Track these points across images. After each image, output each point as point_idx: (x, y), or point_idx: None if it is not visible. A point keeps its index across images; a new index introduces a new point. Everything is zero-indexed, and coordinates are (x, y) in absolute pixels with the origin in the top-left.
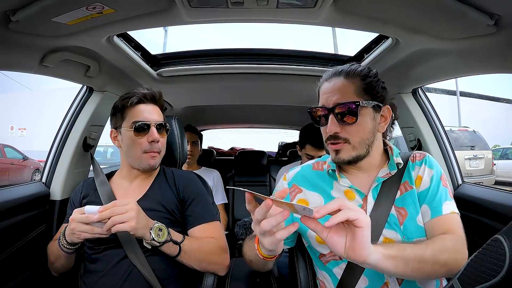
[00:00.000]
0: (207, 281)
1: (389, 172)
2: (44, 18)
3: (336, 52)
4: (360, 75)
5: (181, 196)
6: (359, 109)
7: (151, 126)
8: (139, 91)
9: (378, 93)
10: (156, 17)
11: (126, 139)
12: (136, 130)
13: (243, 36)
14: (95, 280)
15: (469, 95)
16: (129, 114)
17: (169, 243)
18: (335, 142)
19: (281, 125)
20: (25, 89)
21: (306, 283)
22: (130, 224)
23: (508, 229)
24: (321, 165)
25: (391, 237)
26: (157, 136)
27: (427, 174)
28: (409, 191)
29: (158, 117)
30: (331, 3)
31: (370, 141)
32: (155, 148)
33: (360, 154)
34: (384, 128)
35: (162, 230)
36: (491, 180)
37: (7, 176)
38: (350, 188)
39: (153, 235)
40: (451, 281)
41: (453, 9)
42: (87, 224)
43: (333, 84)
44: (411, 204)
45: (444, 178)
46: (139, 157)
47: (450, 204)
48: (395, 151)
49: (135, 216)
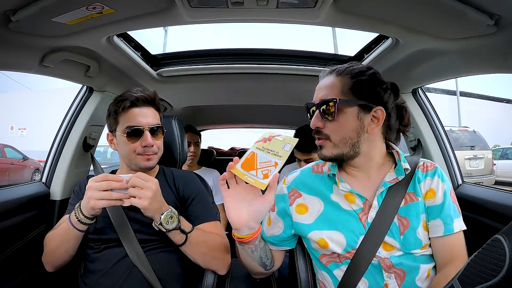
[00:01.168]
0: (207, 281)
1: (396, 178)
2: (44, 18)
3: (336, 52)
4: (351, 73)
5: (181, 195)
6: (338, 107)
7: (144, 130)
8: (131, 94)
9: (370, 93)
10: (156, 17)
11: (121, 143)
12: (129, 135)
13: (243, 36)
14: (95, 279)
15: (469, 95)
16: (122, 119)
17: (176, 230)
18: (318, 137)
19: (281, 125)
20: (25, 89)
21: (306, 283)
22: (143, 202)
23: (508, 229)
24: (321, 167)
25: (391, 244)
26: (150, 141)
27: (441, 188)
28: (414, 202)
29: (152, 119)
30: (331, 3)
31: (354, 141)
32: (148, 151)
33: (342, 153)
34: (374, 129)
35: (173, 217)
36: (491, 180)
37: (7, 176)
38: (350, 192)
39: (162, 220)
40: (451, 281)
41: (453, 9)
42: (104, 191)
43: (324, 81)
44: (414, 216)
45: (453, 192)
46: (134, 159)
47: (459, 222)
48: (402, 155)
49: (150, 196)
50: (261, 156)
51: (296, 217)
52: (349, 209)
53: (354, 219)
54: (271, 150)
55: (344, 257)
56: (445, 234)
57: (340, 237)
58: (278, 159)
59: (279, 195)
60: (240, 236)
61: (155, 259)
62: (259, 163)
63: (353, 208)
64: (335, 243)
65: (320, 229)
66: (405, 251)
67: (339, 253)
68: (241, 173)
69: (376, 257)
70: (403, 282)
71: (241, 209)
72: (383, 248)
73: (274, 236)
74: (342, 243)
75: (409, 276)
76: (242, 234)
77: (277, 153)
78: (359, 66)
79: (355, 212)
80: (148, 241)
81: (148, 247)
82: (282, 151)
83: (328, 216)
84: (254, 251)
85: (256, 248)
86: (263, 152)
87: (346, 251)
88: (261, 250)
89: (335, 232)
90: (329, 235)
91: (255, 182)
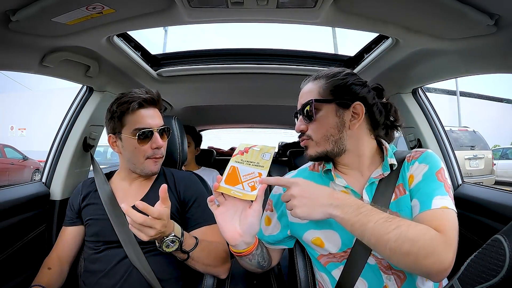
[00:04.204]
0: (207, 282)
1: (382, 173)
2: (44, 18)
3: (336, 52)
4: (326, 76)
5: (182, 198)
6: (315, 106)
7: (154, 132)
8: (137, 95)
9: (345, 90)
10: (156, 17)
11: (129, 146)
12: (139, 138)
13: (243, 36)
14: (94, 280)
15: (469, 95)
16: (129, 121)
17: (177, 251)
18: (302, 138)
19: (281, 125)
20: (25, 89)
21: (306, 283)
22: (143, 238)
23: (508, 229)
24: (317, 166)
25: None
26: (161, 142)
27: (420, 170)
28: (404, 196)
29: (159, 121)
30: (331, 3)
31: (336, 138)
32: (158, 154)
33: (326, 150)
34: (355, 125)
35: (174, 242)
36: (491, 180)
37: (7, 176)
38: (345, 188)
39: (163, 245)
40: (451, 281)
41: (453, 9)
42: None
43: (304, 89)
44: (404, 210)
45: (443, 173)
46: (142, 163)
47: (443, 199)
48: (390, 151)
49: (152, 235)
50: (243, 169)
51: (292, 217)
52: None
53: None
54: (251, 161)
55: (341, 256)
56: (421, 211)
57: (336, 236)
58: (261, 169)
59: (276, 195)
60: (238, 251)
61: (155, 261)
62: (243, 176)
63: None
64: (330, 242)
65: (315, 228)
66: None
67: (335, 252)
68: (227, 189)
69: (373, 257)
70: (403, 284)
71: (235, 225)
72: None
73: (272, 236)
74: (338, 243)
75: (409, 278)
76: (239, 249)
77: (258, 164)
78: (336, 70)
79: None
80: (148, 243)
81: (148, 249)
82: (263, 160)
83: None
84: (252, 259)
85: (254, 256)
86: (243, 164)
87: (342, 250)
88: (259, 256)
89: (330, 231)
90: (324, 234)
91: (244, 195)
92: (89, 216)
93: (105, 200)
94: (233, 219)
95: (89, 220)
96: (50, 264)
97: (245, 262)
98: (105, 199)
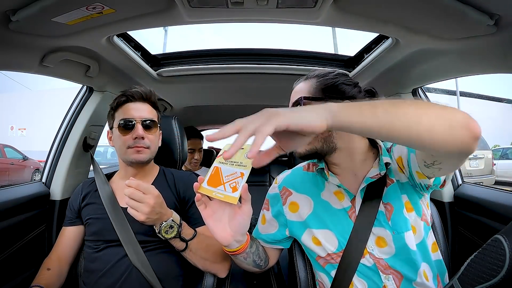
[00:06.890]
0: (207, 281)
1: (379, 173)
2: (44, 18)
3: (336, 52)
4: (317, 76)
5: (181, 197)
6: (304, 104)
7: (136, 123)
8: (128, 90)
9: (335, 89)
10: (156, 17)
11: (115, 138)
12: (121, 127)
13: (243, 36)
14: (94, 279)
15: (469, 95)
16: (118, 114)
17: (176, 238)
18: None
19: None
20: (25, 89)
21: (306, 283)
22: (140, 217)
23: (508, 229)
24: (311, 166)
25: (382, 235)
26: (140, 132)
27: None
28: (391, 185)
29: (146, 114)
30: (331, 3)
31: (325, 135)
32: (139, 143)
33: (316, 148)
34: None
35: (173, 227)
36: (491, 180)
37: (7, 176)
38: (339, 188)
39: (161, 229)
40: (451, 281)
41: (453, 9)
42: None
43: (295, 89)
44: (395, 198)
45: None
46: (124, 152)
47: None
48: (384, 150)
49: (147, 212)
50: (226, 169)
51: (290, 216)
52: (340, 208)
53: (345, 218)
54: (234, 161)
55: (338, 257)
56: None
57: (332, 236)
58: (243, 169)
59: (271, 194)
60: (231, 250)
61: (155, 260)
62: (225, 177)
63: (343, 206)
64: (327, 242)
65: (312, 228)
66: (397, 233)
67: (332, 252)
68: (209, 191)
69: (372, 257)
70: (401, 283)
71: (224, 225)
72: (376, 244)
73: (269, 235)
74: (334, 243)
75: (407, 278)
76: (232, 248)
77: (241, 163)
78: (327, 70)
79: (344, 211)
80: (148, 242)
81: (148, 248)
82: (246, 160)
83: (319, 214)
84: (246, 258)
85: (248, 255)
86: (226, 165)
87: (339, 250)
88: (253, 254)
89: (326, 231)
90: (321, 233)
91: (225, 197)
92: (89, 215)
93: (105, 200)
94: (222, 220)
95: (89, 219)
96: (49, 265)
97: (241, 261)
98: (105, 199)
